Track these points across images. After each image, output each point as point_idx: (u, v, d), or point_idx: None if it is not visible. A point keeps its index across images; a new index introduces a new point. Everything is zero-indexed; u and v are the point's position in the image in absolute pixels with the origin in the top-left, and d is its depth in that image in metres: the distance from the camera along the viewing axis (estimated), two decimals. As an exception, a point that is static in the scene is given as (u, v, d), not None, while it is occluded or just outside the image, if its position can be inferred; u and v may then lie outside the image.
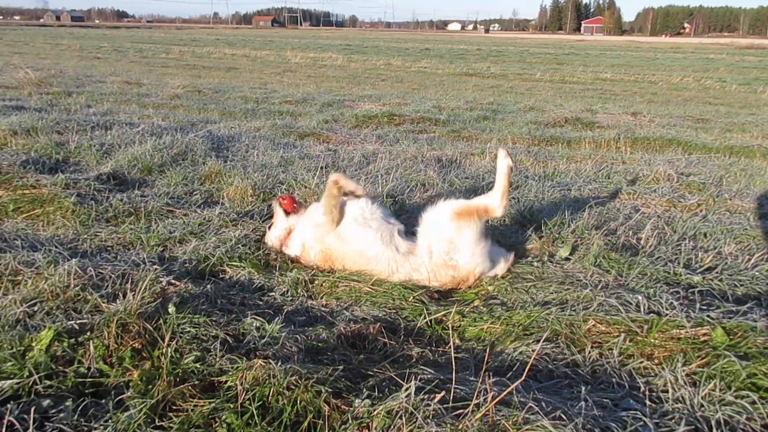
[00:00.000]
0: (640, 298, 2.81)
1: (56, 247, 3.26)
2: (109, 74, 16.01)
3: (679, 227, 4.14)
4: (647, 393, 2.24)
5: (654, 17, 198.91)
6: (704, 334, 2.54)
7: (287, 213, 3.64)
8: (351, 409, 2.00)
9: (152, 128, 6.40)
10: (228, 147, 6.07)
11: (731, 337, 2.51)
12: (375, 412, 1.95)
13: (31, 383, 2.08)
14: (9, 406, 1.96)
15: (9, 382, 2.06)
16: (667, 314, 2.67)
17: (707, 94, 19.70)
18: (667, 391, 2.23)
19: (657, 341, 2.53)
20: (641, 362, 2.44)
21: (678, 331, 2.56)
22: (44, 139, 5.67)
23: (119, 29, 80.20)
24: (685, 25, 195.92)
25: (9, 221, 3.88)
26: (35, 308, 2.53)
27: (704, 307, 2.78)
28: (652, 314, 2.69)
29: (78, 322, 2.40)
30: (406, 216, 4.15)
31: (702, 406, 2.13)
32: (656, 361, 2.45)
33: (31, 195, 4.19)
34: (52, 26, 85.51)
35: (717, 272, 3.32)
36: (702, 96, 18.81)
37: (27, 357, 2.19)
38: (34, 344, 2.24)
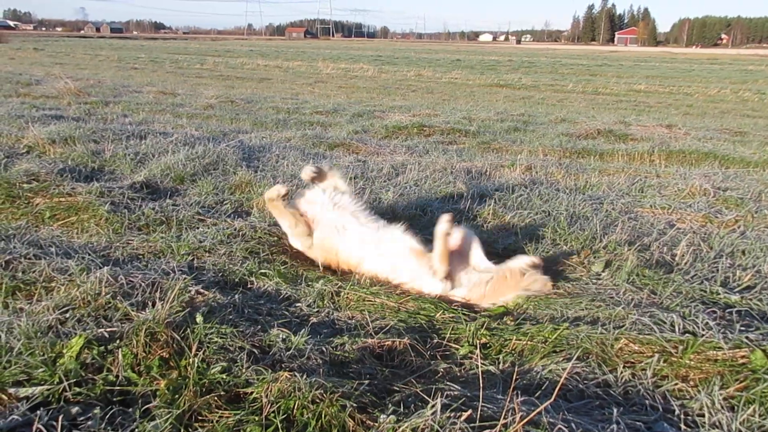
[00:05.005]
0: (674, 317, 2.73)
1: (89, 254, 3.32)
2: (145, 84, 16.38)
3: (716, 244, 4.02)
4: (682, 416, 2.16)
5: (690, 28, 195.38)
6: (743, 357, 2.44)
7: None
8: (376, 424, 1.98)
9: (185, 138, 6.50)
10: (259, 157, 6.13)
11: (772, 360, 2.41)
12: (400, 429, 1.92)
13: (60, 390, 2.11)
14: (39, 412, 1.99)
15: (40, 388, 2.10)
16: (703, 335, 2.58)
17: (745, 106, 19.21)
18: (703, 416, 2.16)
19: (692, 363, 2.45)
20: (676, 384, 2.36)
21: (715, 352, 2.47)
22: (81, 147, 5.81)
23: (156, 40, 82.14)
24: (723, 35, 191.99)
25: (45, 228, 3.97)
26: (67, 315, 2.57)
27: (743, 329, 2.68)
28: (687, 334, 2.61)
29: (108, 330, 2.43)
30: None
31: (740, 432, 2.05)
32: (692, 383, 2.37)
33: (67, 203, 4.28)
34: (92, 37, 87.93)
35: (756, 291, 3.20)
36: (740, 108, 18.35)
37: (58, 364, 2.23)
38: (64, 351, 2.28)
